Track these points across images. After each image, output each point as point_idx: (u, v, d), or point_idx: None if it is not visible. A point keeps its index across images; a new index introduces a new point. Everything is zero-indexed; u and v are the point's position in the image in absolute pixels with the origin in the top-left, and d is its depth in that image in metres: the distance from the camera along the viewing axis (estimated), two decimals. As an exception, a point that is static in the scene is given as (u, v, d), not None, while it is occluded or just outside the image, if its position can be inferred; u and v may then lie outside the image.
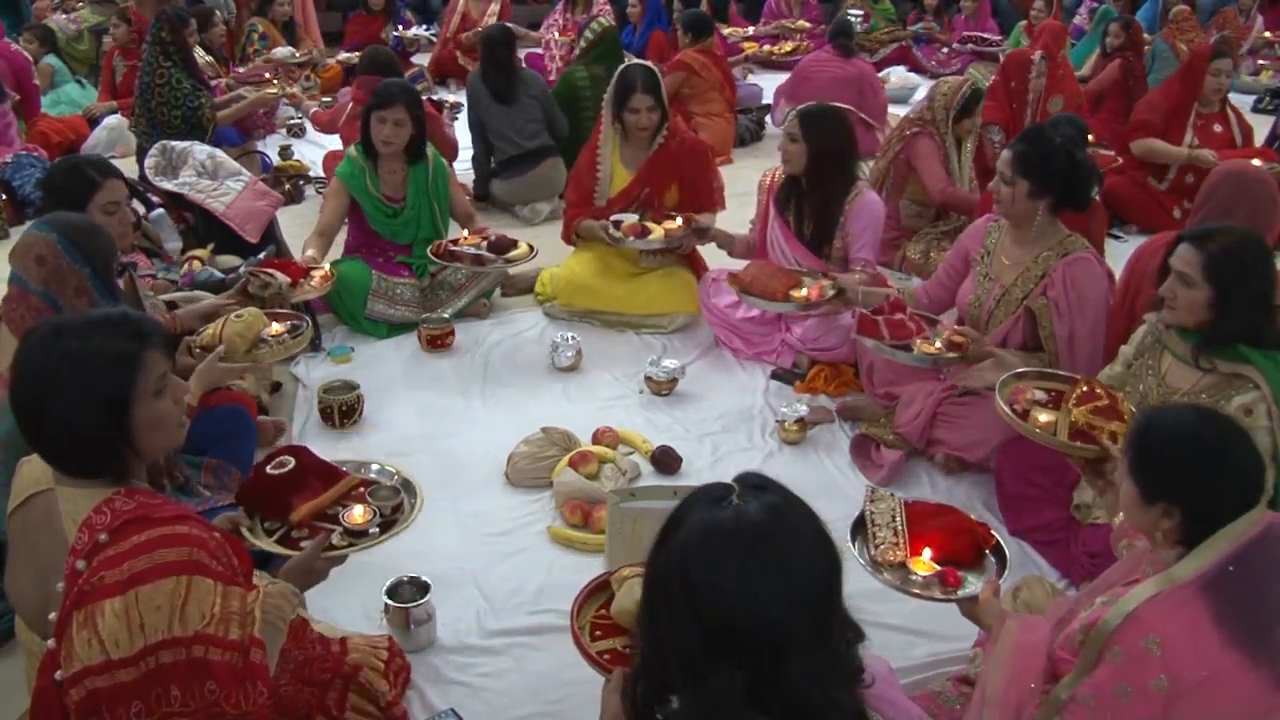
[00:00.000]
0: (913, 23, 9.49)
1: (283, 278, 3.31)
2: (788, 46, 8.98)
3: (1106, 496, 2.18)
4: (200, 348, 2.75)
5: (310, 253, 3.79)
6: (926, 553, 2.04)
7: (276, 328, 2.95)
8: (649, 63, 4.14)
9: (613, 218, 3.98)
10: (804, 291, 3.46)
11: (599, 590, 1.98)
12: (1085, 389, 2.45)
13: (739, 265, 3.77)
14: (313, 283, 3.48)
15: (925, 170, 4.62)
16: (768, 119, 7.23)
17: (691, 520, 1.26)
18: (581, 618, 1.92)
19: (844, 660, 1.26)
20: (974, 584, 1.99)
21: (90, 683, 1.47)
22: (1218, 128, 5.11)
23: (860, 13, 9.01)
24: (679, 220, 3.87)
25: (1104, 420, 2.38)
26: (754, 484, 1.30)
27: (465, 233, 3.96)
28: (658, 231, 3.85)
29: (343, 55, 7.87)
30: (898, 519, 2.12)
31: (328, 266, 3.62)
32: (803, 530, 1.26)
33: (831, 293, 3.45)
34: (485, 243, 3.84)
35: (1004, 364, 2.89)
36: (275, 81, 6.56)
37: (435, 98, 6.74)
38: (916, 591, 1.98)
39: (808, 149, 3.60)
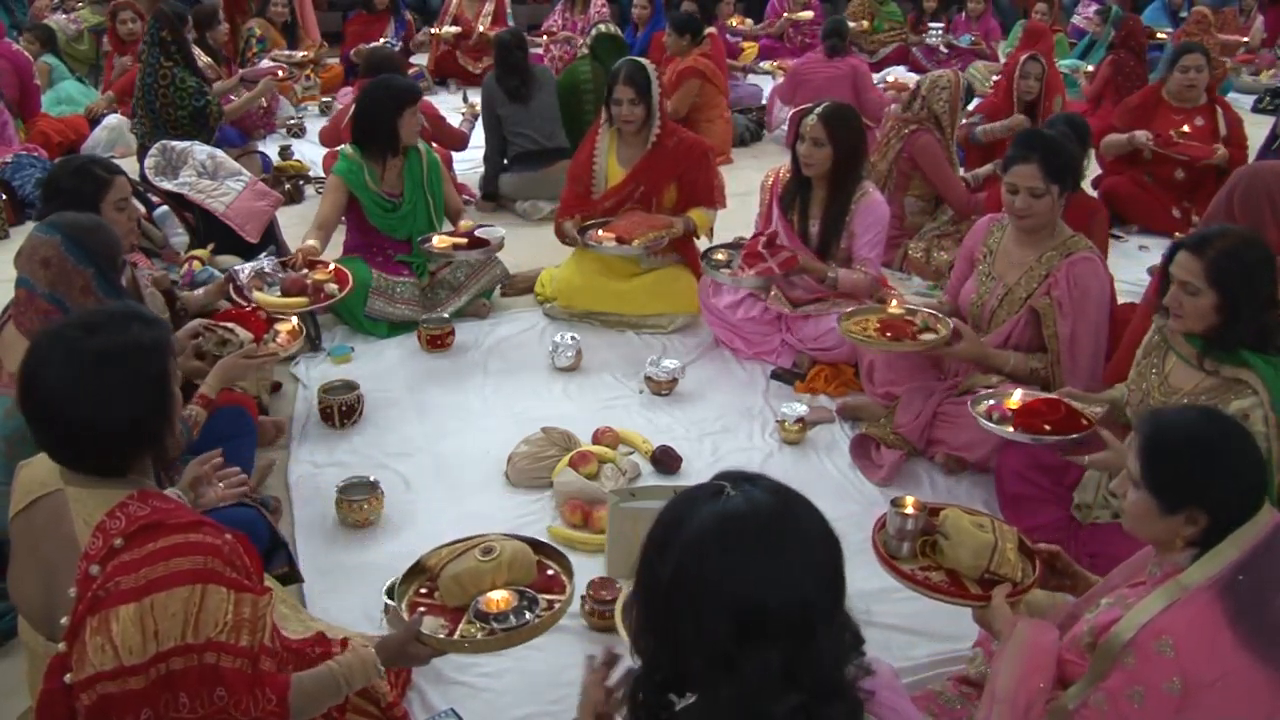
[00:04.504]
0: (913, 23, 9.46)
1: (244, 334, 2.89)
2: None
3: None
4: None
5: (311, 242, 3.78)
6: (1017, 394, 2.51)
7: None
8: (645, 60, 4.13)
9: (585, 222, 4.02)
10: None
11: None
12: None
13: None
14: (279, 339, 3.11)
15: (940, 179, 4.60)
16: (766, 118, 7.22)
17: (697, 517, 1.26)
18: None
19: (852, 633, 1.29)
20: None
21: (101, 687, 1.48)
22: (1200, 120, 5.11)
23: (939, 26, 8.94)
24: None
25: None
26: (740, 477, 1.31)
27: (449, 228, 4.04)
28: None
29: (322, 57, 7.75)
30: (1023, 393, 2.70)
31: (295, 321, 3.25)
32: (805, 506, 1.30)
33: (667, 236, 3.85)
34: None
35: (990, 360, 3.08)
36: (281, 73, 6.49)
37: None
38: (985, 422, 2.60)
39: (834, 152, 3.57)
